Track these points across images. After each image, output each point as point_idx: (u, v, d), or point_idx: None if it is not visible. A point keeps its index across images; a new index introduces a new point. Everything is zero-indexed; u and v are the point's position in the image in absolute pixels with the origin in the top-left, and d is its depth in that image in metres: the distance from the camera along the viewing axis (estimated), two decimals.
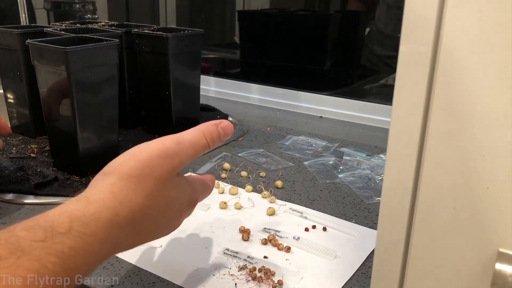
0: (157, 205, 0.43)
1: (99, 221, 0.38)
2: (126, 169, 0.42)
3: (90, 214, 0.38)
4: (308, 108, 1.29)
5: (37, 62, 0.80)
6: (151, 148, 0.44)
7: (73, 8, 1.85)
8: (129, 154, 0.44)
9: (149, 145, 0.44)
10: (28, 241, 0.34)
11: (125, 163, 0.43)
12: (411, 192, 0.36)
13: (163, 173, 0.43)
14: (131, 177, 0.41)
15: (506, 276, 0.31)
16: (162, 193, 0.43)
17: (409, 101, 0.34)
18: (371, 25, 1.33)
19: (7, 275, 0.33)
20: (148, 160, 0.43)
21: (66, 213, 0.37)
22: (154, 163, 0.43)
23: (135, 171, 0.42)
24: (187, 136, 0.47)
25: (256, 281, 0.57)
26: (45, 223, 0.36)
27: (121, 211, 0.40)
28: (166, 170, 0.44)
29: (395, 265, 0.38)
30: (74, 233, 0.36)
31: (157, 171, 0.43)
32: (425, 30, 0.32)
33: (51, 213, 0.37)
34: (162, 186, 0.43)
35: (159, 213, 0.43)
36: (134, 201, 0.41)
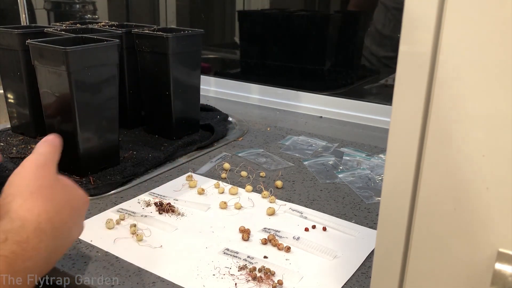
0: (63, 202, 0.50)
1: (28, 230, 0.44)
2: (24, 189, 0.48)
3: (18, 226, 0.44)
4: (308, 108, 1.29)
5: (37, 62, 0.80)
6: (26, 167, 0.51)
7: (73, 8, 1.85)
8: (17, 177, 0.50)
9: (23, 165, 0.51)
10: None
11: (20, 183, 0.49)
12: (411, 192, 0.36)
13: (50, 178, 0.51)
14: (32, 193, 0.47)
15: (506, 276, 0.31)
16: (60, 192, 0.51)
17: (409, 101, 0.34)
18: (370, 26, 1.33)
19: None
20: (34, 174, 0.50)
21: (0, 230, 0.44)
22: (38, 174, 0.50)
23: (31, 187, 0.48)
24: (39, 151, 0.55)
25: (256, 281, 0.57)
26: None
27: (42, 219, 0.46)
28: (50, 175, 0.52)
29: (395, 265, 0.38)
30: (11, 241, 0.42)
31: (43, 181, 0.50)
32: (425, 30, 0.32)
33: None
34: (57, 187, 0.51)
35: (68, 210, 0.50)
36: (46, 209, 0.47)
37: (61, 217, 0.48)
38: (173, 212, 0.73)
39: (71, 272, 0.58)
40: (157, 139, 1.02)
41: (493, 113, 0.31)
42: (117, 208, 0.74)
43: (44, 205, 0.47)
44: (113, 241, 0.65)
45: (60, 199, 0.49)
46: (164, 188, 0.81)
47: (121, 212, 0.72)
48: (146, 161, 0.89)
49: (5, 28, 0.95)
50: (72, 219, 0.50)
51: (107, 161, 0.86)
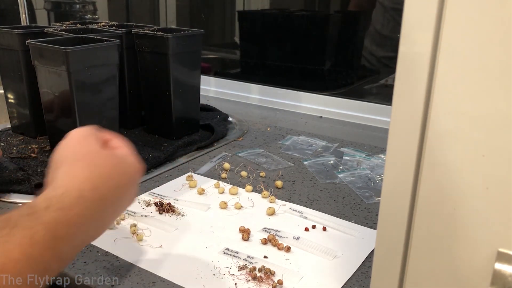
0: (110, 170, 0.49)
1: (71, 198, 0.43)
2: (70, 157, 0.48)
3: (60, 194, 0.43)
4: (308, 108, 1.29)
5: (37, 62, 0.80)
6: (72, 136, 0.51)
7: (73, 8, 1.85)
8: (63, 146, 0.50)
9: (69, 135, 0.51)
10: (18, 216, 0.40)
11: (66, 153, 0.49)
12: (411, 192, 0.36)
13: (96, 146, 0.50)
14: (76, 161, 0.47)
15: (505, 276, 0.31)
16: (108, 160, 0.50)
17: (409, 101, 0.34)
18: (369, 26, 1.33)
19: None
20: (79, 142, 0.50)
21: (42, 197, 0.43)
22: (84, 142, 0.50)
23: (76, 155, 0.48)
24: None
25: (256, 281, 0.57)
26: (28, 204, 0.42)
27: (86, 187, 0.45)
28: (96, 143, 0.51)
29: (395, 265, 0.38)
30: (53, 208, 0.42)
31: (89, 149, 0.49)
32: (424, 30, 0.32)
33: (30, 201, 0.44)
34: (104, 155, 0.50)
35: (117, 178, 0.49)
36: (91, 176, 0.46)
37: (108, 186, 0.47)
38: (173, 212, 0.73)
39: (71, 272, 0.59)
40: (157, 139, 1.02)
41: (493, 113, 0.31)
42: None
43: (89, 173, 0.46)
44: (113, 241, 0.65)
45: (108, 167, 0.48)
46: (164, 188, 0.81)
47: None
48: (146, 161, 0.89)
49: (5, 28, 0.95)
50: (121, 188, 0.49)
51: None
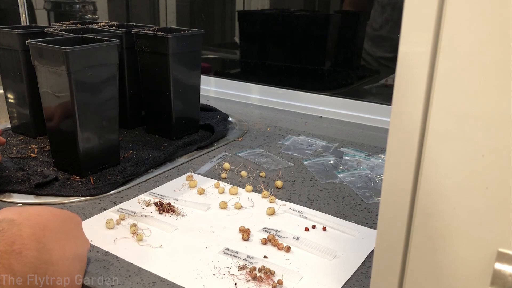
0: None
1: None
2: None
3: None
4: (308, 108, 1.29)
5: (37, 62, 0.80)
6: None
7: (73, 8, 1.85)
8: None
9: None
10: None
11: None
12: (411, 192, 0.36)
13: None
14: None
15: (505, 276, 0.31)
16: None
17: (409, 101, 0.34)
18: (366, 26, 1.33)
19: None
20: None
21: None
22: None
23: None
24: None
25: (256, 281, 0.57)
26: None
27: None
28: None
29: (395, 265, 0.38)
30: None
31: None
32: (424, 30, 0.32)
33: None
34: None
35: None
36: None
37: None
38: (173, 212, 0.73)
39: None
40: (157, 139, 1.02)
41: (493, 113, 0.31)
42: (117, 208, 0.74)
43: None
44: (113, 241, 0.65)
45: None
46: (164, 188, 0.81)
47: (121, 212, 0.72)
48: (146, 161, 0.89)
49: (5, 28, 0.95)
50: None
51: (107, 161, 0.86)
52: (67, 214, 0.56)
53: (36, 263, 0.44)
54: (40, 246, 0.46)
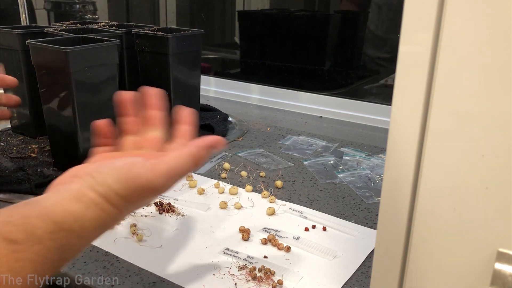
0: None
1: (94, 227, 0.43)
2: (117, 191, 0.44)
3: (88, 219, 0.42)
4: (308, 108, 1.29)
5: (37, 62, 0.80)
6: (143, 179, 0.45)
7: (73, 8, 1.85)
8: (120, 175, 0.45)
9: (140, 175, 0.45)
10: (42, 231, 0.39)
11: (120, 185, 0.45)
12: (411, 192, 0.36)
13: (141, 199, 0.47)
14: (119, 199, 0.44)
15: (505, 276, 0.31)
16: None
17: (409, 101, 0.34)
18: (367, 26, 1.33)
19: (19, 258, 0.37)
20: (138, 193, 0.45)
21: (71, 214, 0.41)
22: (140, 194, 0.46)
23: (123, 195, 0.45)
24: (177, 167, 0.46)
25: (256, 281, 0.57)
26: (55, 217, 0.41)
27: (109, 220, 0.44)
28: (146, 198, 0.47)
29: (395, 265, 0.38)
30: (74, 233, 0.41)
31: (139, 198, 0.46)
32: (425, 30, 0.32)
33: (58, 207, 0.42)
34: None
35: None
36: (118, 215, 0.45)
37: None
38: (173, 212, 0.73)
39: (71, 272, 0.59)
40: None
41: (493, 113, 0.31)
42: None
43: (119, 211, 0.45)
44: (113, 241, 0.65)
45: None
46: None
47: None
48: None
49: (5, 28, 0.95)
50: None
51: None
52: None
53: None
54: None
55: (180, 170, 0.46)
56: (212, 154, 0.51)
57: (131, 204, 0.46)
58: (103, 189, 0.44)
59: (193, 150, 0.47)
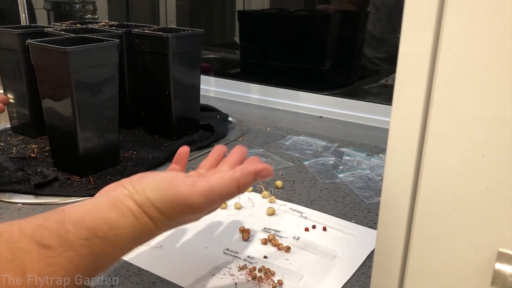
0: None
1: (128, 236, 0.42)
2: (153, 201, 0.44)
3: (123, 227, 0.42)
4: (308, 108, 1.29)
5: (37, 62, 0.80)
6: (181, 194, 0.44)
7: (73, 8, 1.85)
8: (159, 186, 0.45)
9: (179, 189, 0.44)
10: (75, 238, 0.38)
11: (157, 197, 0.44)
12: (411, 192, 0.36)
13: (177, 216, 0.46)
14: (155, 211, 0.44)
15: (506, 276, 0.31)
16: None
17: (409, 101, 0.34)
18: (367, 26, 1.33)
19: (51, 263, 0.36)
20: (174, 208, 0.44)
21: (106, 221, 0.41)
22: (177, 210, 0.45)
23: (159, 207, 0.44)
24: (218, 188, 0.45)
25: (256, 281, 0.57)
26: (90, 223, 0.40)
27: (144, 232, 0.44)
28: (181, 215, 0.46)
29: (395, 265, 0.38)
30: (108, 241, 0.41)
31: (175, 214, 0.45)
32: (424, 30, 0.32)
33: (93, 214, 0.41)
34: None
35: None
36: (153, 229, 0.45)
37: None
38: None
39: None
40: (157, 139, 1.02)
41: (493, 113, 0.31)
42: None
43: (156, 228, 0.45)
44: None
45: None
46: None
47: None
48: (146, 161, 0.89)
49: (5, 28, 0.95)
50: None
51: (107, 161, 0.86)
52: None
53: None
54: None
55: (220, 192, 0.45)
56: (259, 181, 0.51)
57: (168, 219, 0.45)
58: (140, 198, 0.44)
59: (236, 174, 0.46)
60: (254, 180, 0.47)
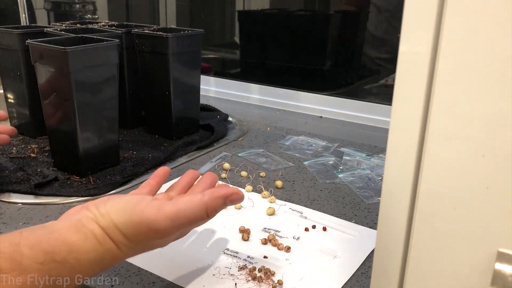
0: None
1: (90, 261, 0.41)
2: (118, 225, 0.43)
3: (84, 252, 0.41)
4: (308, 108, 1.29)
5: (37, 62, 0.80)
6: (146, 218, 0.43)
7: (73, 8, 1.85)
8: (124, 209, 0.44)
9: (145, 212, 0.43)
10: (30, 261, 0.37)
11: (122, 220, 0.43)
12: (411, 192, 0.36)
13: (143, 241, 0.45)
14: (120, 235, 0.43)
15: (506, 276, 0.31)
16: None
17: (409, 101, 0.34)
18: (367, 26, 1.33)
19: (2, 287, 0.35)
20: (139, 232, 0.43)
21: (66, 244, 0.40)
22: (142, 234, 0.44)
23: (123, 231, 0.43)
24: (186, 212, 0.44)
25: (256, 281, 0.57)
26: (48, 247, 0.39)
27: (107, 257, 0.42)
28: (147, 240, 0.45)
29: (395, 265, 0.38)
30: (67, 265, 0.39)
31: (141, 239, 0.44)
32: (424, 30, 0.32)
33: (53, 236, 0.40)
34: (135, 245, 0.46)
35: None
36: (117, 253, 0.44)
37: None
38: None
39: None
40: (157, 139, 1.02)
41: (493, 113, 0.31)
42: None
43: (119, 251, 0.44)
44: None
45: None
46: (164, 188, 0.81)
47: None
48: (146, 161, 0.89)
49: (5, 28, 0.95)
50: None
51: (107, 161, 0.86)
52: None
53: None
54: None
55: (187, 216, 0.44)
56: (228, 206, 0.49)
57: (133, 243, 0.44)
58: (105, 221, 0.43)
59: (205, 198, 0.45)
60: (223, 205, 0.46)
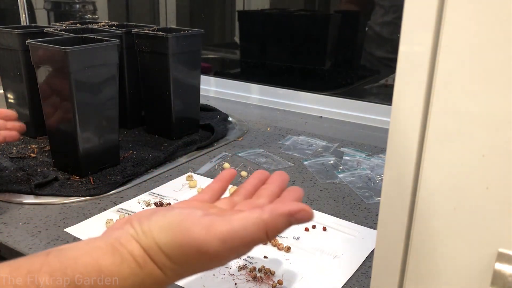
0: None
1: (125, 287, 0.35)
2: (161, 246, 0.36)
3: (119, 278, 0.34)
4: (308, 108, 1.29)
5: (37, 62, 0.80)
6: (194, 239, 0.36)
7: (73, 8, 1.85)
8: (169, 227, 0.37)
9: (192, 232, 0.36)
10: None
11: (166, 240, 0.36)
12: (411, 192, 0.36)
13: (191, 264, 0.38)
14: (164, 257, 0.36)
15: (506, 276, 0.31)
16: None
17: (409, 101, 0.34)
18: (367, 27, 1.33)
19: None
20: (186, 254, 0.36)
21: (96, 270, 0.34)
22: (190, 257, 0.36)
23: (167, 253, 0.36)
24: (240, 233, 0.36)
25: (256, 281, 0.57)
26: (72, 273, 0.33)
27: (148, 282, 0.36)
28: (196, 263, 0.37)
29: (395, 265, 0.38)
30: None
31: (188, 261, 0.37)
32: (425, 30, 0.32)
33: (82, 262, 0.34)
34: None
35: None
36: (161, 278, 0.37)
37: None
38: None
39: None
40: (157, 139, 1.02)
41: (493, 112, 0.31)
42: (117, 208, 0.74)
43: (162, 274, 0.37)
44: None
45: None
46: (164, 188, 0.81)
47: (121, 212, 0.72)
48: (146, 161, 0.89)
49: (5, 28, 0.95)
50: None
51: (107, 161, 0.86)
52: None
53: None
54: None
55: (242, 237, 0.35)
56: (293, 225, 0.38)
57: (179, 266, 0.36)
58: (147, 240, 0.36)
59: (265, 216, 0.36)
60: (287, 224, 0.37)
